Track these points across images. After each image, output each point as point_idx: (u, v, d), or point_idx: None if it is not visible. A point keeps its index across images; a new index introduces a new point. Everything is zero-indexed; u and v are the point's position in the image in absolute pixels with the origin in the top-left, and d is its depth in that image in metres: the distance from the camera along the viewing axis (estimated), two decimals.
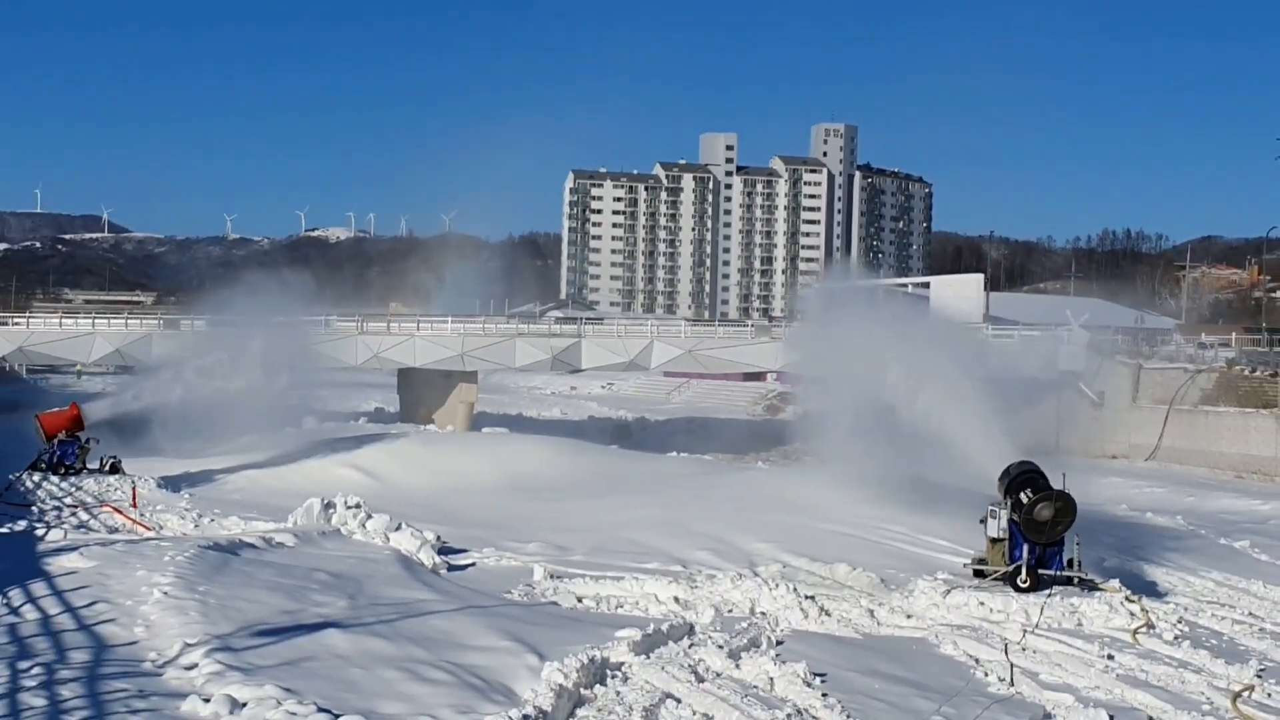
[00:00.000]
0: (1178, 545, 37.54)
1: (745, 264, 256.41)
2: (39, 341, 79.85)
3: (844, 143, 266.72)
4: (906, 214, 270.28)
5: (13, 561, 26.93)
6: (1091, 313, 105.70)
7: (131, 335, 79.41)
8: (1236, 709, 19.87)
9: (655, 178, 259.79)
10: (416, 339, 79.33)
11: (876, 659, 22.04)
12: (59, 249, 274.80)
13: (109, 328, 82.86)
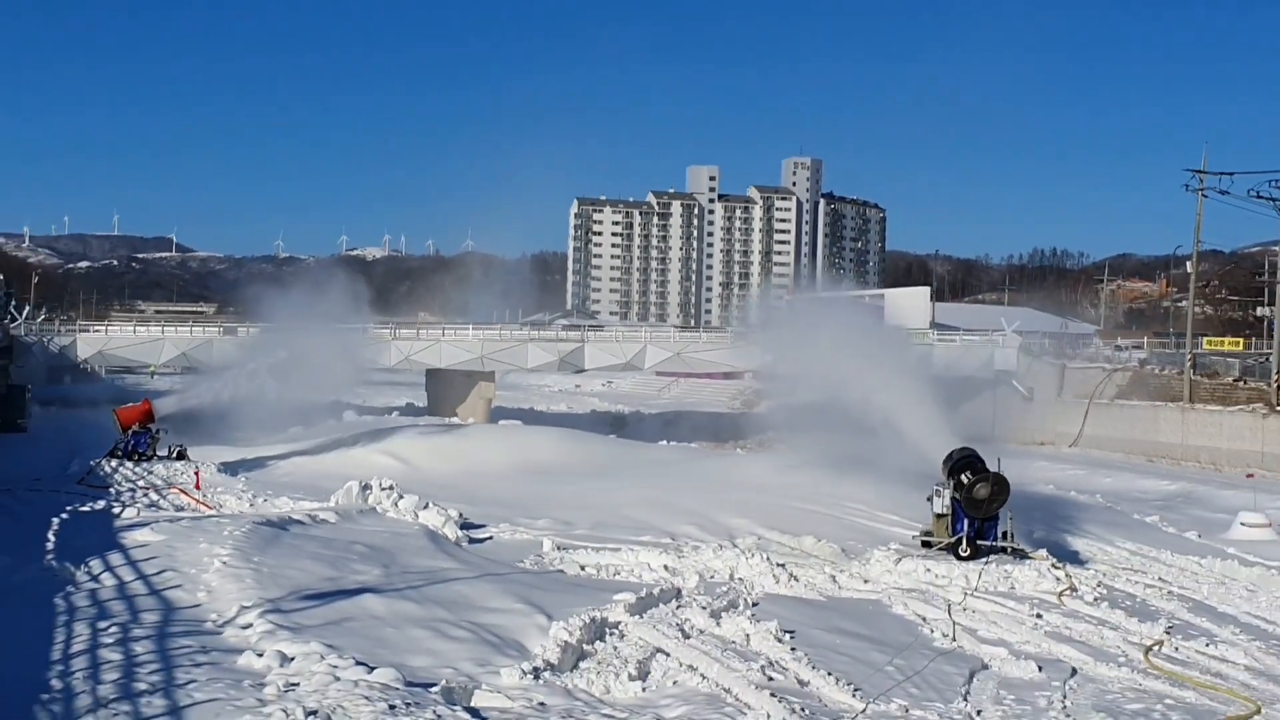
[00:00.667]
0: (1097, 520, 37.58)
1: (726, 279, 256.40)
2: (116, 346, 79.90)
3: (810, 174, 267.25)
4: (864, 235, 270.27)
5: (93, 536, 26.98)
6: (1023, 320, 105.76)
7: (195, 341, 79.48)
8: (1148, 661, 19.94)
9: (648, 204, 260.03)
10: (442, 343, 79.33)
11: (838, 618, 22.09)
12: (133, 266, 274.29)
13: (176, 334, 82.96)
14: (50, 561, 24.02)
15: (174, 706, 14.76)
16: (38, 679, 15.87)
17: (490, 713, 15.34)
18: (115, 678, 16.06)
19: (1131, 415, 70.30)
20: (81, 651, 17.35)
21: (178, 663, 16.74)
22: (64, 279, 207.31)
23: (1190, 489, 50.41)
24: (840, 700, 16.72)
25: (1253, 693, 18.19)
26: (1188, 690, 18.26)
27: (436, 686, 16.06)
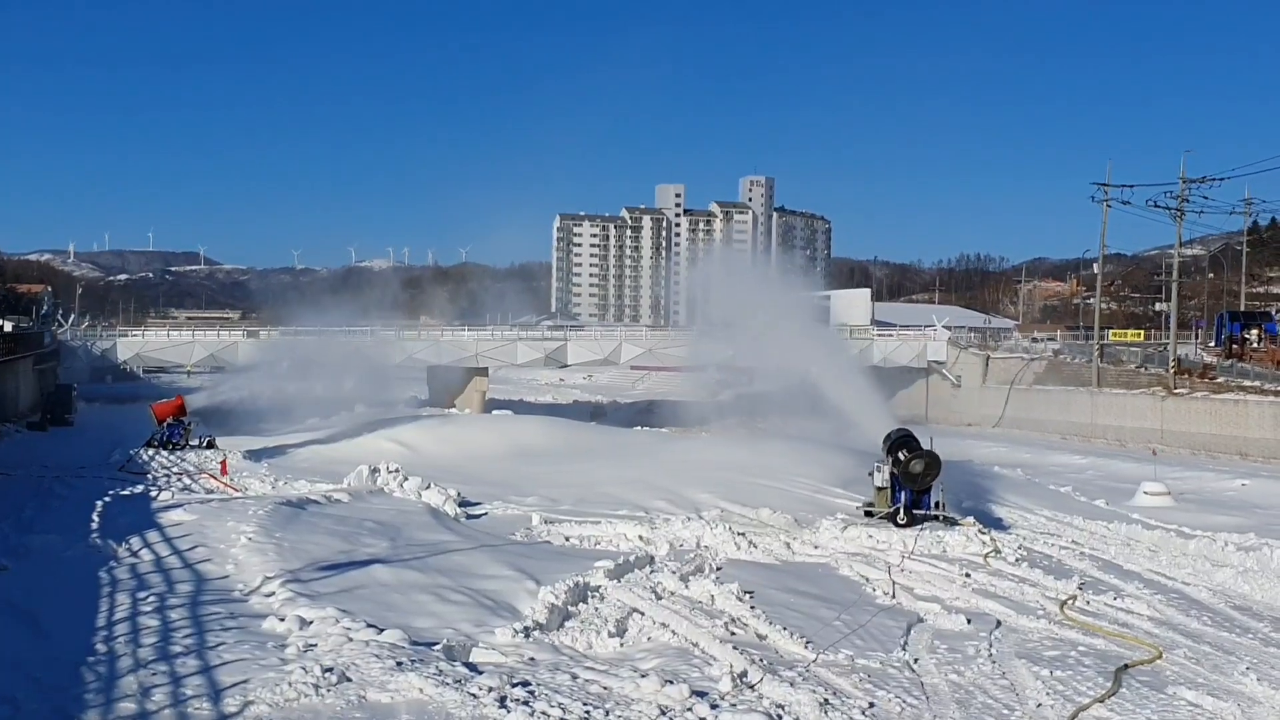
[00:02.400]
0: (1018, 491, 37.78)
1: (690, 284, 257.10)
2: (152, 349, 79.72)
3: (764, 191, 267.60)
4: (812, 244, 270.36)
5: (133, 516, 26.89)
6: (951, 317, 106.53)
7: (222, 343, 79.27)
8: (1063, 613, 20.06)
9: (622, 219, 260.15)
10: (441, 343, 79.29)
11: (791, 579, 22.13)
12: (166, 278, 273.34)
13: (205, 338, 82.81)
14: (95, 539, 23.96)
15: (206, 666, 14.74)
16: (85, 643, 15.84)
17: (486, 667, 15.34)
18: (153, 641, 16.04)
19: (1047, 399, 70.71)
20: (123, 619, 17.31)
21: (209, 627, 16.73)
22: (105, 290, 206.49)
23: (1099, 463, 50.76)
24: (794, 651, 16.78)
25: (1155, 640, 18.33)
26: (1098, 639, 18.38)
27: (439, 645, 16.07)
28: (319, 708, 13.34)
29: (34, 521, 26.28)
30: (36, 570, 20.73)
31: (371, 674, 14.52)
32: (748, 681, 15.04)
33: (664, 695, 14.24)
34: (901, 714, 14.20)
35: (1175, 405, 61.94)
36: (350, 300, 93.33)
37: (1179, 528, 30.36)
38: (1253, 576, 23.85)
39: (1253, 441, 55.51)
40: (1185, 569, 24.75)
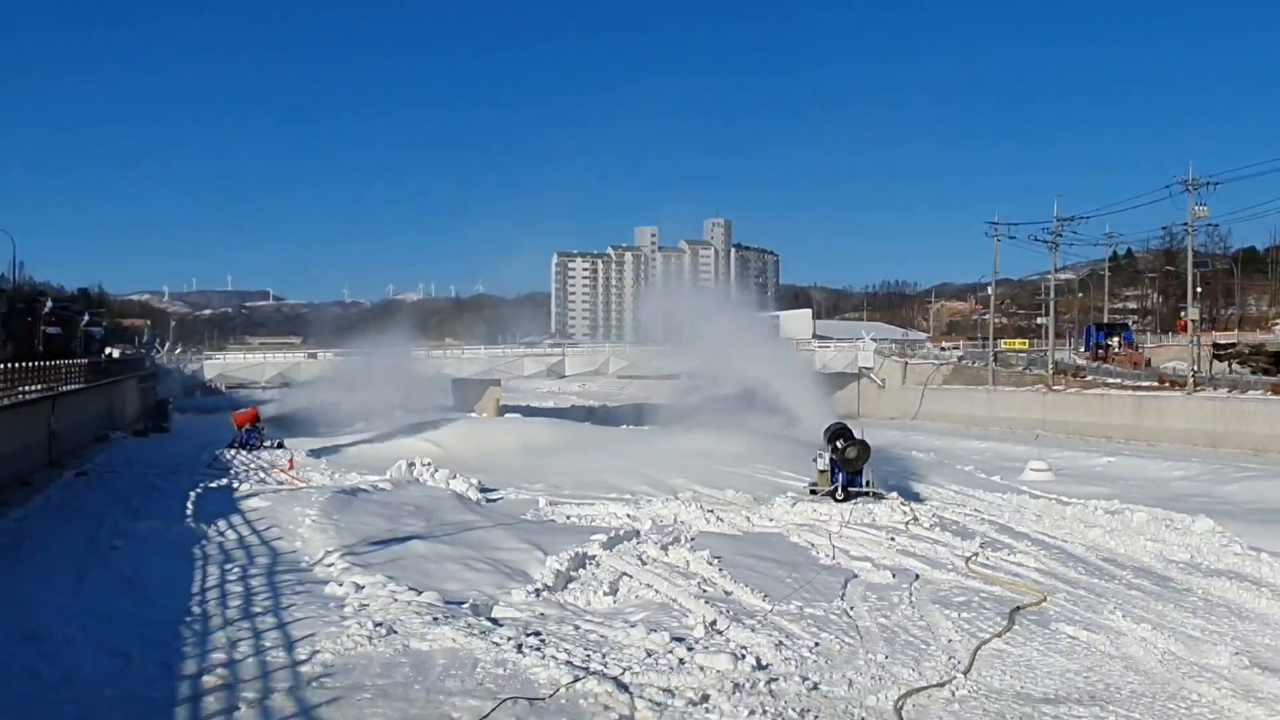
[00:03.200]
0: (931, 470, 37.95)
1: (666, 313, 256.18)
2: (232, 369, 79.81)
3: (724, 230, 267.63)
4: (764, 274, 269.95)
5: (219, 504, 26.84)
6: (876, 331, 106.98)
7: (288, 364, 79.19)
8: (968, 567, 20.15)
9: (608, 255, 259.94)
10: (463, 359, 79.39)
11: (751, 546, 22.15)
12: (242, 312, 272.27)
13: (274, 359, 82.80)
14: (189, 522, 23.94)
15: (281, 623, 14.73)
16: (183, 606, 15.84)
17: (506, 621, 15.37)
18: (238, 604, 16.04)
19: (953, 396, 70.97)
20: (213, 586, 17.32)
21: (282, 592, 16.74)
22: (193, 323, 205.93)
23: (995, 446, 51.00)
24: (754, 604, 16.81)
25: (1041, 586, 18.42)
26: (995, 586, 18.47)
27: (467, 603, 16.09)
28: (372, 654, 13.36)
29: (140, 510, 26.22)
30: (143, 549, 20.71)
31: (413, 627, 14.53)
32: (717, 629, 15.07)
33: (650, 640, 14.27)
34: (841, 651, 14.24)
35: (1054, 399, 62.23)
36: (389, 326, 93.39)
37: (1058, 497, 30.50)
38: (1117, 534, 24.03)
39: (1115, 427, 55.82)
40: (1064, 529, 24.88)
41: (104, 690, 12.03)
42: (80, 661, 13.24)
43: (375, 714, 11.11)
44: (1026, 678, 13.31)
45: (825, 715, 11.61)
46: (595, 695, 11.92)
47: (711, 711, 11.66)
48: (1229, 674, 13.50)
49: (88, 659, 13.35)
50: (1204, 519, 24.92)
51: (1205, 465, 40.81)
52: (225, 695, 11.70)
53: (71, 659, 13.36)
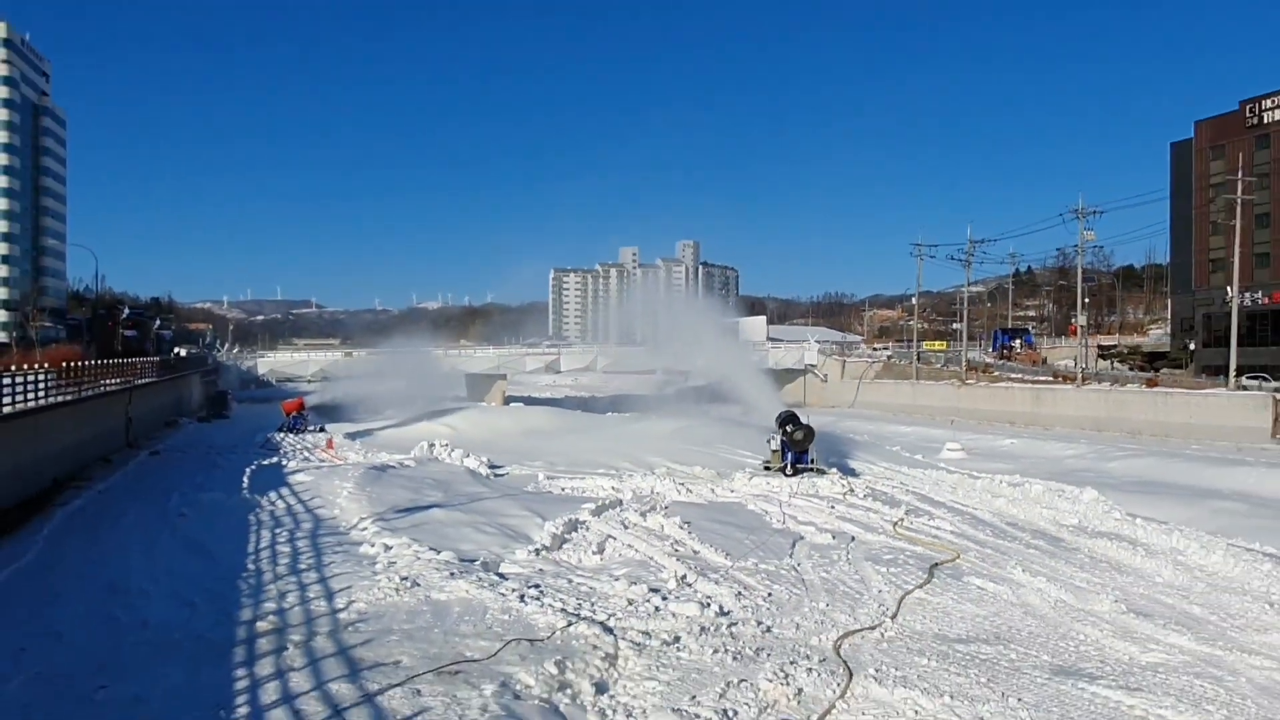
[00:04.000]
0: (866, 450, 37.94)
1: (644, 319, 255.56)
2: (281, 365, 79.17)
3: (693, 250, 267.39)
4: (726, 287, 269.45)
5: (270, 478, 26.74)
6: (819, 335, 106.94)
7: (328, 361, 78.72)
8: (896, 530, 20.20)
9: (596, 270, 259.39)
10: (474, 357, 79.04)
11: (716, 513, 22.15)
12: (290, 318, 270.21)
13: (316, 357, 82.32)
14: (245, 494, 23.82)
15: (322, 577, 14.70)
16: (240, 564, 15.78)
17: (511, 575, 15.36)
18: (286, 561, 16.00)
19: (884, 388, 71.16)
20: (265, 547, 17.26)
21: (323, 551, 16.70)
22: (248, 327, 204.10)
23: (918, 430, 51.13)
24: (718, 561, 16.84)
25: (955, 546, 18.49)
26: (918, 546, 18.52)
27: (478, 561, 16.08)
28: (399, 604, 13.35)
29: (204, 483, 26.07)
30: (207, 516, 20.62)
31: (433, 580, 14.52)
32: (687, 582, 15.10)
33: (631, 591, 14.29)
34: (790, 600, 14.29)
35: (967, 391, 62.48)
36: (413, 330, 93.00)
37: (970, 472, 30.58)
38: (1018, 503, 24.12)
39: (1017, 414, 56.08)
40: (974, 499, 24.93)
41: (173, 633, 12.00)
42: (153, 609, 13.21)
43: (402, 653, 11.11)
44: (943, 622, 13.39)
45: (776, 653, 11.65)
46: (586, 637, 11.95)
47: (682, 650, 11.70)
48: (1109, 618, 13.61)
49: (160, 607, 13.32)
50: (1090, 490, 25.06)
51: (1091, 446, 41.07)
52: (275, 638, 11.69)
53: (146, 607, 13.32)
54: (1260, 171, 67.08)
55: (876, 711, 9.89)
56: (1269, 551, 18.73)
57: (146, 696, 9.75)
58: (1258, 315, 67.84)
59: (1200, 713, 9.86)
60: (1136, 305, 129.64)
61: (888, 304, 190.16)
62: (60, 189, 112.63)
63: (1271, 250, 69.16)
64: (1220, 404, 45.91)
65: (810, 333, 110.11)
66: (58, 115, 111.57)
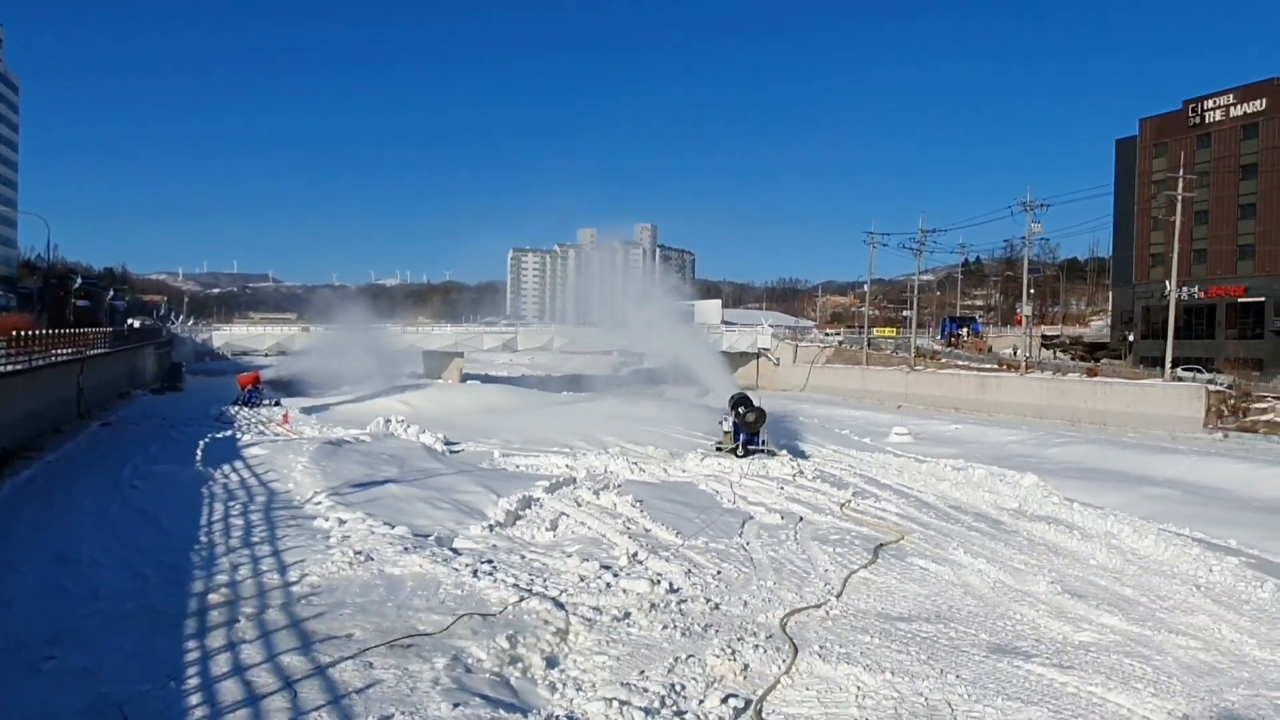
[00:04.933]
0: (815, 433, 38.23)
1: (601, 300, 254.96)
2: (237, 338, 78.07)
3: (651, 233, 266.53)
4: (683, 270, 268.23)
5: (225, 451, 26.32)
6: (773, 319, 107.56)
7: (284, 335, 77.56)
8: (843, 511, 20.40)
9: (555, 251, 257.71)
10: (432, 335, 78.34)
11: (668, 492, 22.19)
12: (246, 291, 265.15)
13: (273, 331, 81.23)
14: (199, 466, 23.46)
15: (276, 550, 14.56)
16: (192, 536, 15.57)
17: (464, 550, 15.32)
18: (239, 534, 15.81)
19: (835, 373, 71.72)
20: (219, 519, 17.04)
21: (277, 525, 16.50)
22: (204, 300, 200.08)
23: (867, 414, 51.69)
24: (669, 539, 16.93)
25: (900, 528, 18.75)
26: (864, 527, 18.76)
27: (432, 536, 16.00)
28: (352, 577, 13.27)
29: (157, 455, 25.63)
30: (160, 488, 20.28)
31: (387, 555, 14.44)
32: (638, 559, 15.17)
33: (583, 568, 14.33)
34: (738, 578, 14.41)
35: (915, 377, 63.25)
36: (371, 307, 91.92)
37: (916, 456, 31.02)
38: (961, 487, 24.52)
39: (963, 400, 56.89)
40: (919, 482, 25.30)
41: (125, 604, 11.84)
42: (104, 580, 13.01)
43: (354, 626, 11.05)
44: (887, 600, 13.60)
45: (725, 630, 11.77)
46: (537, 612, 11.98)
47: (632, 626, 11.77)
48: (1045, 599, 13.92)
49: (111, 578, 13.12)
50: (1030, 475, 25.54)
51: (1033, 432, 41.84)
52: (228, 609, 11.57)
53: (97, 577, 13.12)
54: (1201, 170, 68.41)
55: (820, 687, 10.04)
56: (1198, 536, 19.28)
57: (97, 667, 9.62)
58: (1194, 309, 69.38)
59: (1129, 690, 10.14)
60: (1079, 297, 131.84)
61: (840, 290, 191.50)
62: (12, 155, 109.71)
63: (1209, 246, 70.69)
64: (1156, 394, 46.95)
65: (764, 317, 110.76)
66: (10, 80, 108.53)
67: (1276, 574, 16.20)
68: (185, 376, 58.37)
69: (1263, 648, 12.04)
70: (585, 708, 9.08)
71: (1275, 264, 66.31)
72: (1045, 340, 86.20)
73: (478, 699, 9.05)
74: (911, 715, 9.32)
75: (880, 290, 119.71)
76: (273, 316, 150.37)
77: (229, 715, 8.38)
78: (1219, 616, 13.32)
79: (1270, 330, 65.66)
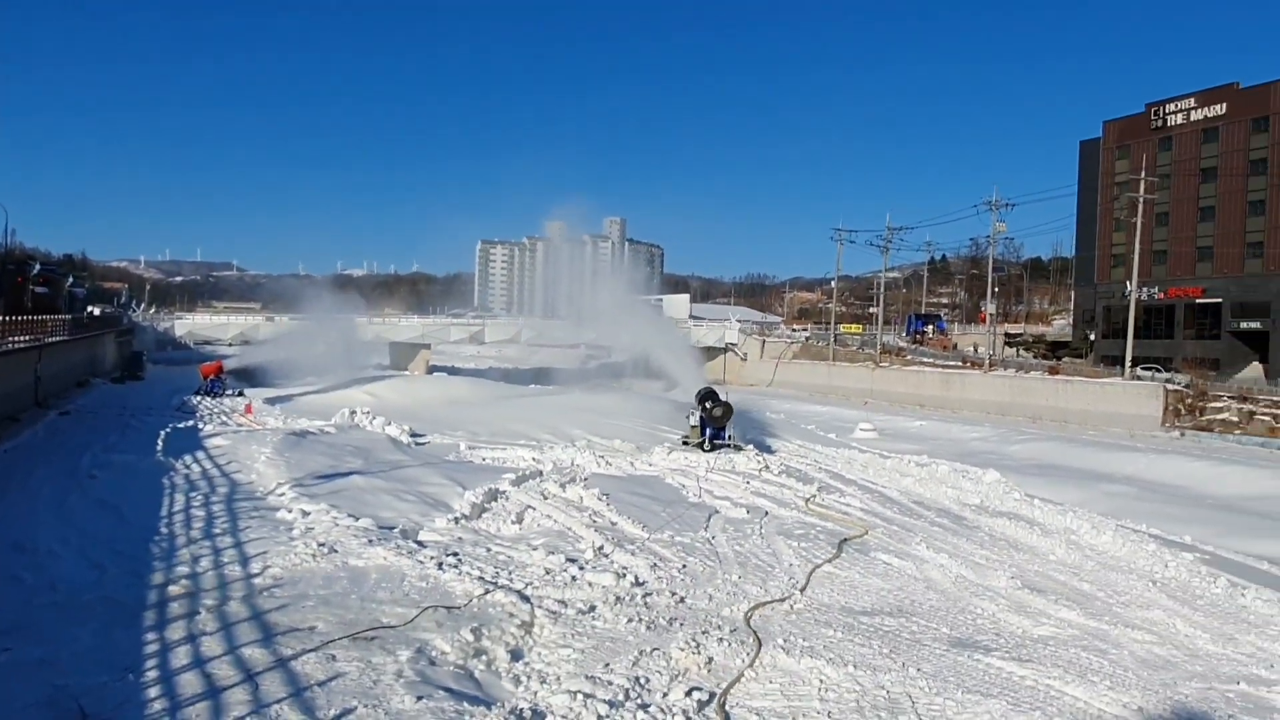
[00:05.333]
0: (781, 428, 38.48)
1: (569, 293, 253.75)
2: (200, 328, 77.03)
3: (620, 227, 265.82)
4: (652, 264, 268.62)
5: (186, 441, 25.99)
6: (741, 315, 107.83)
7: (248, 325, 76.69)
8: (808, 506, 20.54)
9: (523, 244, 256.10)
10: (399, 326, 77.78)
11: (634, 485, 22.23)
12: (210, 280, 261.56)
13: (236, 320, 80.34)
14: (159, 456, 23.14)
15: (238, 542, 14.41)
16: (153, 526, 15.36)
17: (429, 543, 15.24)
18: (201, 525, 15.63)
19: (801, 368, 72.09)
20: (180, 510, 16.82)
21: (239, 516, 16.33)
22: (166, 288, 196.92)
23: (832, 410, 51.98)
24: (635, 532, 16.96)
25: (864, 523, 18.93)
26: (829, 522, 18.90)
27: (397, 528, 15.92)
28: (315, 569, 13.16)
29: (117, 445, 25.25)
30: (119, 477, 19.98)
31: (351, 547, 14.34)
32: (604, 552, 15.18)
33: (548, 561, 14.32)
34: (704, 572, 14.46)
35: (880, 374, 63.73)
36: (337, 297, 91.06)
37: (880, 452, 31.30)
38: (925, 482, 24.78)
39: (927, 397, 57.43)
40: (884, 478, 25.54)
41: (82, 595, 11.66)
42: (61, 570, 12.80)
43: (318, 619, 10.96)
44: (850, 595, 13.71)
45: (689, 623, 11.80)
46: (502, 605, 11.95)
47: (597, 619, 11.78)
48: (1005, 593, 14.10)
49: (68, 568, 12.92)
50: (992, 471, 25.86)
51: (995, 429, 42.31)
52: (188, 601, 11.43)
53: (54, 568, 12.91)
54: (1163, 172, 69.48)
55: (783, 680, 10.10)
56: (1154, 533, 19.62)
57: (54, 659, 9.47)
58: (1154, 309, 70.46)
59: (1085, 683, 10.29)
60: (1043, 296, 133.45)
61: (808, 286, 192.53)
62: None
63: (1169, 248, 71.80)
64: (1116, 392, 47.64)
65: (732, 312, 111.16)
66: None
67: (1230, 570, 16.53)
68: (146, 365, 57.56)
69: (1215, 642, 12.28)
70: (550, 700, 9.07)
71: (1233, 266, 67.51)
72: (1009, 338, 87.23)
73: (442, 692, 9.01)
74: (873, 708, 9.40)
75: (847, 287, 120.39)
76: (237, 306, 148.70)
77: (189, 708, 8.28)
78: (1174, 611, 13.57)
79: (1227, 331, 66.86)
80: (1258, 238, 66.19)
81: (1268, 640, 12.43)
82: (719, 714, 9.11)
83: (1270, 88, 65.37)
